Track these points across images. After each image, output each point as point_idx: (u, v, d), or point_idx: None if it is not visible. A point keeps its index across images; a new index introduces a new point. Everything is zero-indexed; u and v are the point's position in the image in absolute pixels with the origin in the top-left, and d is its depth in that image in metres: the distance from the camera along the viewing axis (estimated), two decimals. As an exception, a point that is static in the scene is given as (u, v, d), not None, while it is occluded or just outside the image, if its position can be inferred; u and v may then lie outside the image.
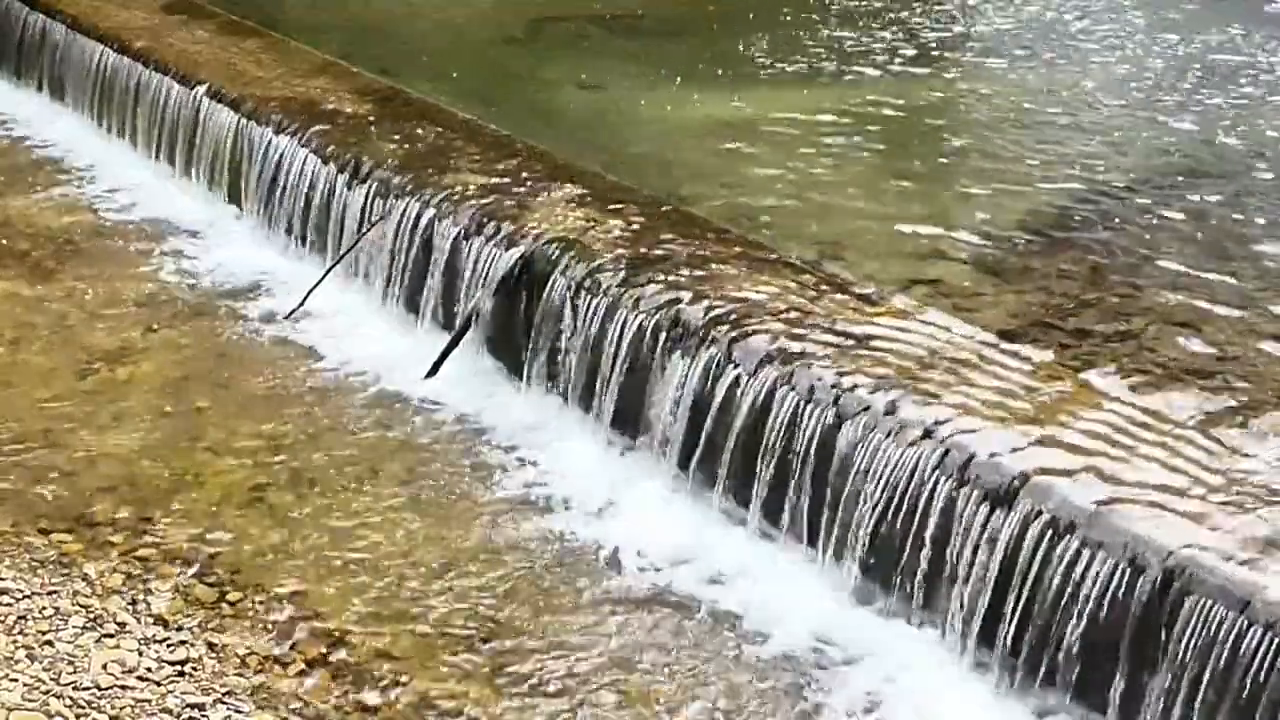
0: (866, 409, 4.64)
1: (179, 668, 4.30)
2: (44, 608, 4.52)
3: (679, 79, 8.81)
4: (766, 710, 4.28)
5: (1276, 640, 3.63)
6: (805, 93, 8.68)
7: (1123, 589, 3.93)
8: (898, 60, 9.55)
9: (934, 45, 10.03)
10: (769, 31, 10.14)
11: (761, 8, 10.79)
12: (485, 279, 6.01)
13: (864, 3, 11.16)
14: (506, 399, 5.91)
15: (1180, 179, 7.37)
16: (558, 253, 5.83)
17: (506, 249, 5.99)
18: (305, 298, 6.70)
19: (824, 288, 5.45)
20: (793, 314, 5.22)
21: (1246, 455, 4.34)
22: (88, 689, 4.15)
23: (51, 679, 4.18)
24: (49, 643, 4.35)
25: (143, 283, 7.05)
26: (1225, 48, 10.09)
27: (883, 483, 4.50)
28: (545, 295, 5.76)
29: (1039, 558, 4.11)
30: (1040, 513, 4.14)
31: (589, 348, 5.57)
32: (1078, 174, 7.35)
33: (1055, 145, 7.84)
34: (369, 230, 6.68)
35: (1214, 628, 3.74)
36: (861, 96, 8.62)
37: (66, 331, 6.51)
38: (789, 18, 10.57)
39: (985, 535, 4.25)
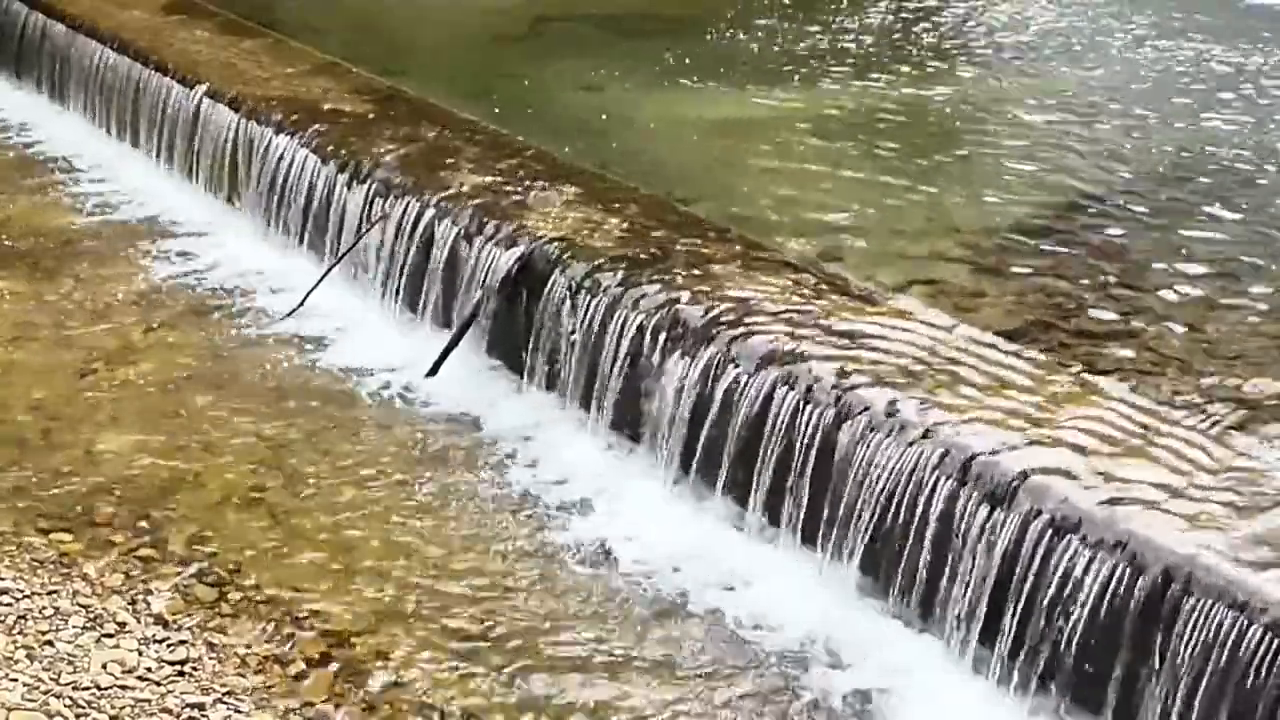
0: (866, 409, 4.64)
1: (179, 668, 4.30)
2: (44, 608, 4.52)
3: (678, 79, 8.81)
4: (765, 709, 4.28)
5: (1276, 640, 3.63)
6: (805, 92, 8.68)
7: (1122, 589, 3.93)
8: (898, 62, 9.54)
9: (935, 47, 10.03)
10: (769, 32, 10.14)
11: (761, 9, 10.79)
12: (485, 278, 6.01)
13: (865, 4, 11.16)
14: (507, 398, 5.91)
15: (1181, 179, 7.36)
16: (558, 252, 5.83)
17: (506, 249, 5.99)
18: (305, 297, 6.70)
19: (824, 288, 5.45)
20: (793, 314, 5.22)
21: (1246, 455, 4.34)
22: (88, 689, 4.14)
23: (51, 679, 4.17)
24: (49, 643, 4.35)
25: (142, 282, 7.05)
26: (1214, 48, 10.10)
27: (882, 483, 4.50)
28: (545, 295, 5.76)
29: (1039, 558, 4.12)
30: (1040, 513, 4.14)
31: (589, 347, 5.57)
32: (1077, 174, 7.35)
33: (1054, 145, 7.84)
34: (369, 230, 6.68)
35: (1214, 628, 3.74)
36: (862, 96, 8.62)
37: (66, 331, 6.51)
38: (789, 19, 10.57)
39: (985, 535, 4.25)
